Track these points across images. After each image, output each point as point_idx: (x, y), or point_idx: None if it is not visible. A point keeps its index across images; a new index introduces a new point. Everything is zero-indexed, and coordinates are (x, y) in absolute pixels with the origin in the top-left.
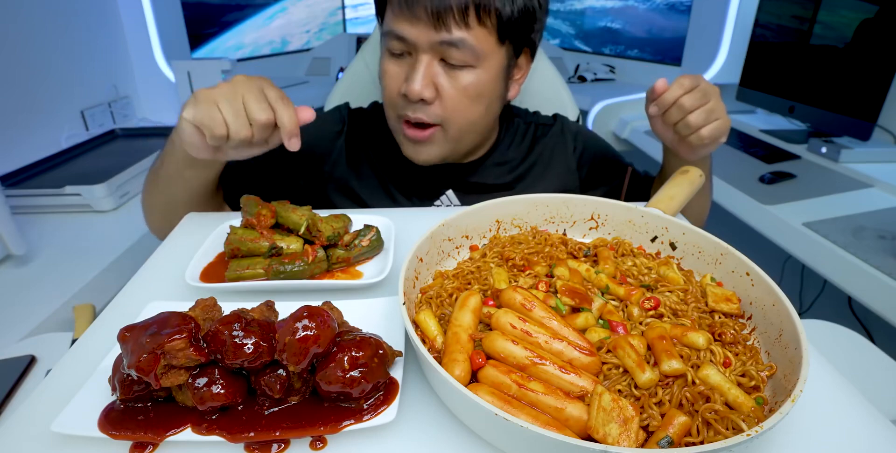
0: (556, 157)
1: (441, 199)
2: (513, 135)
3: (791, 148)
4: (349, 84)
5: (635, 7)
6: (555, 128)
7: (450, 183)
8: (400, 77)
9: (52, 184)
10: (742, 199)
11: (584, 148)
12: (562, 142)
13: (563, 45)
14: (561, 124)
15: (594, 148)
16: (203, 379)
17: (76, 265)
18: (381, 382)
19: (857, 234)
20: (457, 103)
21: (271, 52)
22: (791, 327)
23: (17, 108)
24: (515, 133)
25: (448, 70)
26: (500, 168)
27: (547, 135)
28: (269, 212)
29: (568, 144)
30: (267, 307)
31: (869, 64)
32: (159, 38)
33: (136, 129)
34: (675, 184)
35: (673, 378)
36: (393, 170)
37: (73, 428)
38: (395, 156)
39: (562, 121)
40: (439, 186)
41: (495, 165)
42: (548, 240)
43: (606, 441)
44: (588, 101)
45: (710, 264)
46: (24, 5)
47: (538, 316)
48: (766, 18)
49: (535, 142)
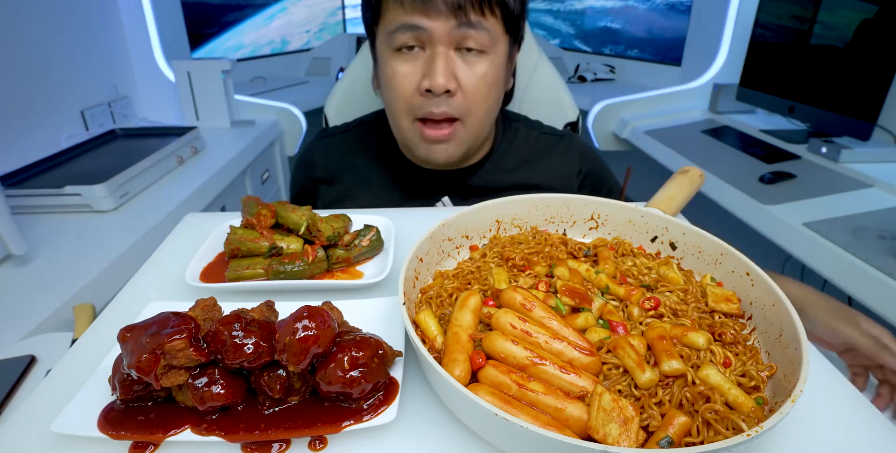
0: (557, 174)
1: (437, 205)
2: (511, 140)
3: (791, 148)
4: (349, 84)
5: (635, 7)
6: (562, 144)
7: (446, 189)
8: (415, 75)
9: (52, 184)
10: (742, 199)
11: (589, 172)
12: (566, 160)
13: (563, 45)
14: (569, 142)
15: (598, 172)
16: (203, 379)
17: (76, 265)
18: (381, 382)
19: (857, 234)
20: (476, 92)
21: (271, 52)
22: (791, 327)
23: (17, 108)
24: (514, 138)
25: (464, 59)
26: (497, 173)
27: (551, 151)
28: (269, 212)
29: (573, 165)
30: (267, 307)
31: (869, 64)
32: (159, 38)
33: (136, 129)
34: (675, 184)
35: (673, 378)
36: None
37: (73, 428)
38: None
39: (570, 138)
40: (434, 193)
41: (492, 170)
42: (548, 240)
43: (606, 441)
44: (588, 101)
45: (710, 264)
46: (24, 5)
47: (538, 316)
48: (766, 18)
49: (538, 153)
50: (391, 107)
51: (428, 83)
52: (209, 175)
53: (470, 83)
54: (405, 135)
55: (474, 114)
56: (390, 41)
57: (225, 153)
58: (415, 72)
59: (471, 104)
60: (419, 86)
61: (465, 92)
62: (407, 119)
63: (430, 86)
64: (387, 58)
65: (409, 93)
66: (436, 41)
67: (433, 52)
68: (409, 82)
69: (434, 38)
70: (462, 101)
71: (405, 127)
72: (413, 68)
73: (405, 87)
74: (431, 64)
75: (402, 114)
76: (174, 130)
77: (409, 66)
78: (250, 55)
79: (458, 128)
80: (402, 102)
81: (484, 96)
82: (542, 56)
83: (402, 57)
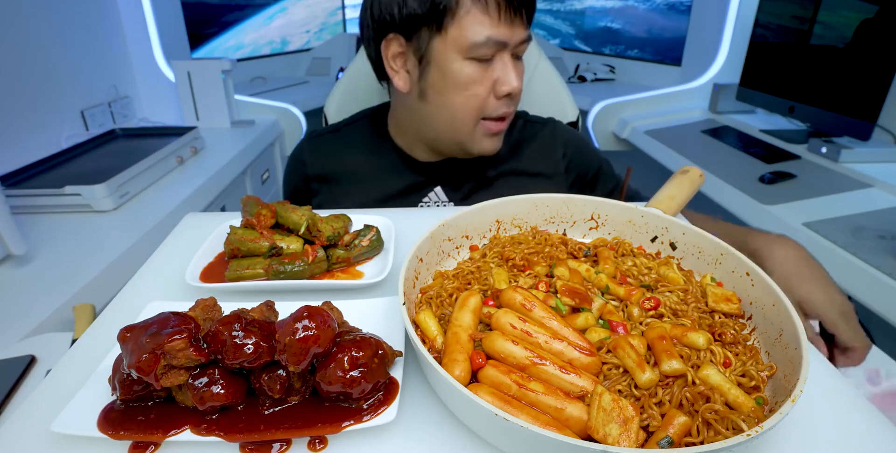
0: (544, 159)
1: (430, 196)
2: None
3: (791, 148)
4: (349, 84)
5: (635, 7)
6: (545, 130)
7: (438, 179)
8: (488, 80)
9: (52, 184)
10: (742, 199)
11: (574, 154)
12: (551, 145)
13: (563, 45)
14: (552, 127)
15: (583, 153)
16: (203, 379)
17: (76, 265)
18: (381, 382)
19: (857, 234)
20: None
21: (271, 52)
22: (791, 327)
23: (17, 108)
24: None
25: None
26: (485, 162)
27: (536, 137)
28: (269, 212)
29: (557, 149)
30: (267, 307)
31: (869, 64)
32: (159, 38)
33: (136, 129)
34: (675, 184)
35: (673, 378)
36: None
37: (73, 428)
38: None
39: (553, 125)
40: (427, 184)
41: (481, 162)
42: (548, 240)
43: (606, 441)
44: (588, 101)
45: (710, 264)
46: (23, 5)
47: (538, 316)
48: (766, 18)
49: (524, 140)
50: (457, 108)
51: (508, 88)
52: (209, 175)
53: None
54: (466, 133)
55: None
56: (469, 49)
57: (225, 153)
58: (488, 77)
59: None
60: (495, 90)
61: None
62: (473, 119)
63: (512, 90)
64: (457, 62)
65: (483, 96)
66: (507, 50)
67: (505, 60)
68: (483, 87)
69: (508, 47)
70: (517, 99)
71: (470, 126)
72: (487, 74)
73: (479, 91)
74: (507, 71)
75: (469, 115)
76: (174, 130)
77: (483, 72)
78: (250, 55)
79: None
80: (474, 105)
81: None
82: (542, 56)
83: (478, 65)
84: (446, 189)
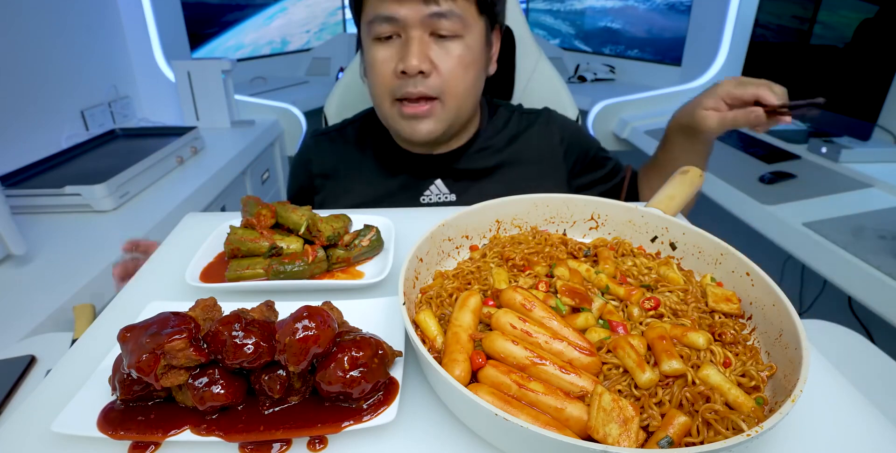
0: (541, 146)
1: (430, 189)
2: (495, 123)
3: (791, 148)
4: (349, 84)
5: (635, 7)
6: (541, 118)
7: (437, 172)
8: (392, 59)
9: (52, 184)
10: (742, 199)
11: (571, 139)
12: (547, 132)
13: (563, 45)
14: (547, 116)
15: (579, 138)
16: (203, 379)
17: (76, 265)
18: (381, 382)
19: (857, 234)
20: (452, 72)
21: (271, 52)
22: (791, 327)
23: (17, 108)
24: (498, 121)
25: (439, 43)
26: (483, 153)
27: (533, 126)
28: (269, 212)
29: (553, 135)
30: (267, 307)
31: (869, 64)
32: (159, 38)
33: (136, 129)
34: (675, 184)
35: (673, 378)
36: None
37: (72, 428)
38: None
39: (548, 113)
40: (426, 176)
41: (479, 151)
42: (548, 240)
43: (606, 441)
44: (588, 101)
45: (710, 264)
46: (23, 5)
47: (538, 316)
48: (766, 18)
49: (520, 131)
50: (374, 90)
51: (402, 65)
52: (209, 175)
53: (445, 65)
54: (387, 116)
55: (452, 93)
56: (370, 31)
57: (225, 153)
58: (392, 57)
59: (447, 84)
60: (395, 69)
61: (441, 73)
62: (387, 100)
63: (405, 68)
64: (368, 46)
65: (388, 76)
66: (409, 28)
67: (407, 37)
68: (388, 67)
69: (408, 26)
70: (439, 82)
71: (386, 108)
72: (391, 53)
73: (384, 71)
74: (406, 48)
75: (383, 97)
76: (174, 130)
77: (388, 51)
78: (250, 55)
79: (435, 107)
80: (383, 85)
81: (460, 76)
82: (542, 56)
83: (381, 45)
84: (447, 181)
